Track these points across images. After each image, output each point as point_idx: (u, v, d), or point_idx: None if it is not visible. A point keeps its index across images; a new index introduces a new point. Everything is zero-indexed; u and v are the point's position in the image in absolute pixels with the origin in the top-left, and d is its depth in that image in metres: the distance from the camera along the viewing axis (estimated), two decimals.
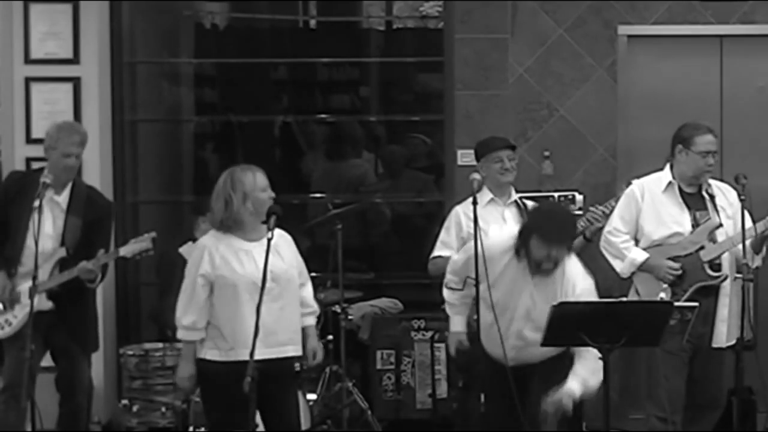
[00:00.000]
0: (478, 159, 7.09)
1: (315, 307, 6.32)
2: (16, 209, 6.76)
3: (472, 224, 6.96)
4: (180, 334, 6.12)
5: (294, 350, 6.12)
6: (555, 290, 5.97)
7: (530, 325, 6.02)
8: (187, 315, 6.05)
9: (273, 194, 6.07)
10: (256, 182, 6.04)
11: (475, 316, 6.18)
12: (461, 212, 7.08)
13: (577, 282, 6.00)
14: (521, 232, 6.01)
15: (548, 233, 5.91)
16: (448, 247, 7.07)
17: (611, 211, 7.02)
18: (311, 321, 6.27)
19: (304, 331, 6.19)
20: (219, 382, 6.00)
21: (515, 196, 7.12)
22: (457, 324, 6.44)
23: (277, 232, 5.97)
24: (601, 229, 7.05)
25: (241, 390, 5.69)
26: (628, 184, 7.07)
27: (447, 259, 7.01)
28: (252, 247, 6.00)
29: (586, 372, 5.84)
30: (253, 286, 5.86)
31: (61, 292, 6.73)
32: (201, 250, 6.06)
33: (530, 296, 6.02)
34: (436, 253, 7.14)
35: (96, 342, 7.04)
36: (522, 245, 5.98)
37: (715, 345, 6.68)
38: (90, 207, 6.85)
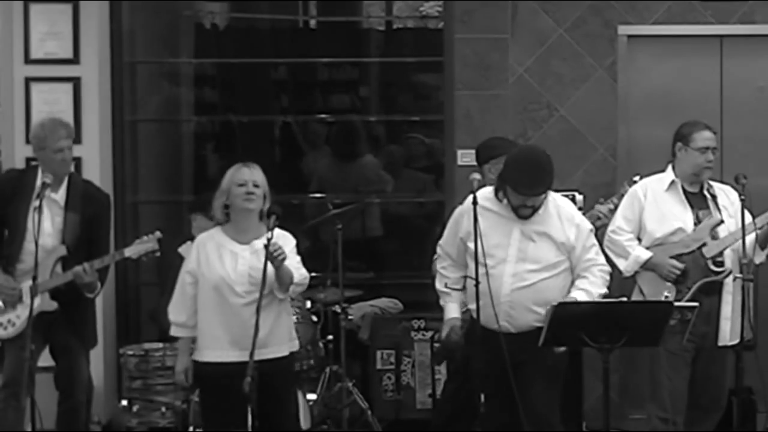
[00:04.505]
0: (485, 161, 7.04)
1: (296, 271, 6.03)
2: (13, 207, 6.75)
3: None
4: (171, 330, 6.18)
5: (274, 351, 6.00)
6: (548, 224, 6.04)
7: (525, 265, 6.02)
8: (176, 311, 6.11)
9: (250, 189, 5.98)
10: (233, 177, 6.03)
11: (465, 309, 6.21)
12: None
13: (573, 214, 6.12)
14: (499, 176, 6.08)
15: (522, 185, 5.94)
16: None
17: (615, 208, 7.02)
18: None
19: None
20: (196, 381, 6.12)
21: None
22: (452, 311, 6.31)
23: (277, 232, 5.93)
24: (605, 226, 7.04)
25: (207, 390, 5.74)
26: (632, 182, 7.07)
27: None
28: (240, 250, 5.98)
29: (589, 285, 5.99)
30: (227, 288, 5.88)
31: (64, 289, 6.72)
32: (193, 247, 6.12)
33: (520, 233, 6.04)
34: None
35: (95, 338, 7.05)
36: (501, 189, 6.05)
37: (720, 343, 6.69)
38: (88, 202, 6.85)
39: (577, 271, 6.09)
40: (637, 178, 7.08)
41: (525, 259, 6.02)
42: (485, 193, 6.13)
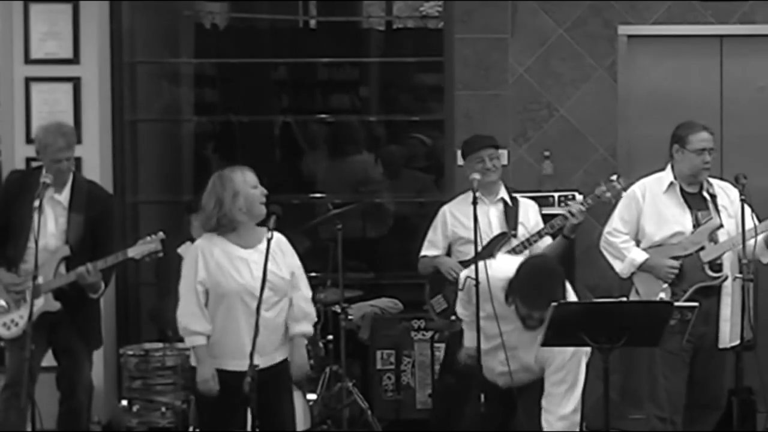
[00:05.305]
0: (463, 158, 7.15)
1: (308, 311, 6.07)
2: (18, 209, 6.75)
3: (456, 223, 7.08)
4: (188, 341, 5.98)
5: (283, 354, 6.02)
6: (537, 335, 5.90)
7: (515, 361, 6.00)
8: (197, 322, 5.91)
9: (265, 191, 5.98)
10: (245, 179, 5.95)
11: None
12: (447, 211, 7.18)
13: None
14: (510, 285, 5.89)
15: (529, 299, 5.81)
16: (435, 246, 7.20)
17: (588, 208, 6.95)
18: (304, 327, 6.04)
19: (291, 341, 6.01)
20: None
21: (503, 193, 7.13)
22: (468, 340, 6.30)
23: (276, 237, 5.86)
24: (578, 225, 6.95)
25: (226, 399, 5.70)
26: (609, 182, 6.98)
27: (433, 258, 7.08)
28: (248, 255, 5.91)
29: (555, 416, 5.89)
30: (249, 296, 5.80)
31: (67, 290, 6.72)
32: (195, 255, 5.96)
33: (518, 336, 5.97)
34: (423, 252, 7.25)
35: (100, 339, 7.06)
36: (510, 295, 5.91)
37: (720, 345, 6.68)
38: (91, 203, 6.84)
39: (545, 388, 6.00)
40: (614, 177, 7.01)
41: (514, 356, 6.00)
42: (499, 269, 5.98)
